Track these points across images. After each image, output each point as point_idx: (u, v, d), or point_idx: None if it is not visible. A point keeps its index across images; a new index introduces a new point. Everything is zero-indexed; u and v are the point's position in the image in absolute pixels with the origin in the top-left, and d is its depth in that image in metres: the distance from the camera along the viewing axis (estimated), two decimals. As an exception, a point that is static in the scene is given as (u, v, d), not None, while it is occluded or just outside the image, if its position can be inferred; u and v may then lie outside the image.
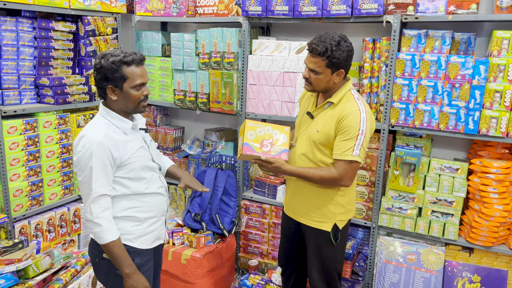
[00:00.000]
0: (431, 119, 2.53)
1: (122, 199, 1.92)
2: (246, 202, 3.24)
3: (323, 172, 2.12)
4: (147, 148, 2.03)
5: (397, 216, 2.74)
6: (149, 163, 2.00)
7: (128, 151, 1.90)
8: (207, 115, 3.70)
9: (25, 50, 2.83)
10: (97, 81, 1.88)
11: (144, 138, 2.03)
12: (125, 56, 1.84)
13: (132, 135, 1.95)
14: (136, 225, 1.96)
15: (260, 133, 2.16)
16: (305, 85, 2.18)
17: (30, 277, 2.47)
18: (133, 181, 1.93)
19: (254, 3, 2.87)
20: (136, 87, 1.87)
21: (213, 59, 3.12)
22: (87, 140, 1.82)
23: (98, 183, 1.81)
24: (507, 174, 2.46)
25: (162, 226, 2.12)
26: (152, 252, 2.08)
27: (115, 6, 3.32)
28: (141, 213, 1.97)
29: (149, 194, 1.99)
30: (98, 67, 1.85)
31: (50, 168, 2.96)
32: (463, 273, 2.66)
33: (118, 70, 1.82)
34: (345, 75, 2.13)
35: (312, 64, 2.07)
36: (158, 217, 2.06)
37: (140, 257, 1.99)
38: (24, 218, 2.83)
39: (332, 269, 2.31)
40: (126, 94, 1.87)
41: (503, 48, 2.35)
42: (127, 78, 1.84)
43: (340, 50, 2.01)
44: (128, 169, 1.90)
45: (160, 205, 2.06)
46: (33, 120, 2.80)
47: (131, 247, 1.95)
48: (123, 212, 1.93)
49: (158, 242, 2.11)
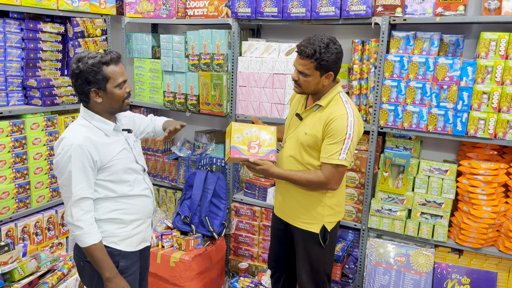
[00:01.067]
0: (419, 121, 2.53)
1: (106, 201, 1.90)
2: (236, 204, 3.22)
3: (309, 175, 2.11)
4: (130, 149, 1.99)
5: (386, 218, 2.73)
6: (132, 165, 1.97)
7: (109, 153, 1.87)
8: (197, 117, 3.69)
9: (12, 52, 2.81)
10: (77, 86, 1.83)
11: (127, 139, 2.00)
12: (102, 56, 1.81)
13: (114, 137, 1.92)
14: (121, 228, 1.94)
15: (247, 135, 2.15)
16: (294, 87, 2.17)
17: (16, 280, 2.45)
18: (116, 184, 1.90)
19: (243, 5, 2.86)
20: (119, 86, 1.85)
21: (202, 60, 3.11)
22: (66, 142, 1.79)
23: (79, 186, 1.79)
24: (496, 175, 2.46)
25: (148, 228, 2.10)
26: (138, 254, 2.06)
27: (105, 7, 3.31)
28: (125, 215, 1.95)
29: (134, 196, 1.97)
30: (77, 72, 1.80)
31: (37, 170, 2.93)
32: (452, 275, 2.65)
33: (99, 72, 1.79)
34: (334, 77, 2.13)
35: (301, 66, 2.07)
36: (143, 219, 2.04)
37: (126, 259, 1.96)
38: (11, 220, 2.80)
39: (321, 271, 2.30)
40: (111, 95, 1.84)
41: (490, 49, 2.36)
42: (109, 78, 1.81)
43: (329, 53, 2.01)
44: (110, 171, 1.87)
45: (145, 207, 2.04)
46: (20, 122, 2.77)
47: (116, 249, 1.93)
48: (108, 214, 1.90)
49: (144, 244, 2.08)
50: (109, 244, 1.90)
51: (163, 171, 3.58)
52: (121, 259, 1.94)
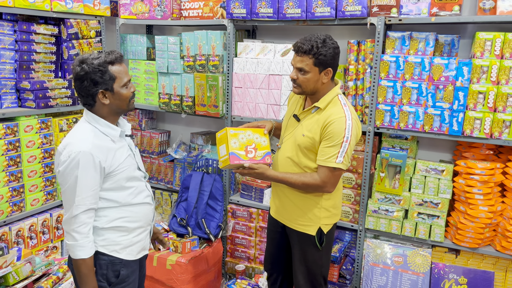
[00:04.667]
0: (415, 121, 2.53)
1: (109, 210, 1.84)
2: (232, 206, 3.20)
3: (305, 178, 2.10)
4: (133, 156, 1.94)
5: (383, 219, 2.72)
6: (135, 172, 1.93)
7: (117, 160, 1.81)
8: (194, 118, 3.67)
9: (5, 54, 2.78)
10: (84, 89, 1.76)
11: (129, 145, 1.95)
12: (106, 56, 1.76)
13: (119, 143, 1.86)
14: (123, 235, 1.89)
15: (243, 139, 2.14)
16: (293, 88, 2.15)
17: (10, 285, 2.43)
18: (120, 192, 1.84)
19: (238, 6, 2.85)
20: (125, 85, 1.81)
21: (198, 62, 3.09)
22: (73, 149, 1.71)
23: (83, 196, 1.71)
24: (492, 175, 2.46)
25: (147, 237, 2.05)
26: (138, 263, 2.02)
27: (99, 9, 3.29)
28: (129, 223, 1.90)
29: (137, 204, 1.92)
30: (82, 74, 1.74)
31: (31, 173, 2.90)
32: (449, 275, 2.65)
33: (106, 72, 1.74)
34: (333, 75, 2.12)
35: (299, 63, 2.05)
36: (144, 227, 2.00)
37: (126, 268, 1.92)
38: (4, 224, 2.77)
39: (317, 273, 2.29)
40: (118, 95, 1.80)
41: (486, 49, 2.36)
42: (116, 77, 1.77)
43: (326, 47, 2.00)
44: (115, 179, 1.81)
45: (147, 215, 1.99)
46: (13, 125, 2.74)
47: (118, 258, 1.88)
48: (111, 223, 1.85)
49: (143, 252, 2.04)
50: (110, 253, 1.86)
51: (158, 173, 3.56)
52: (122, 267, 1.90)
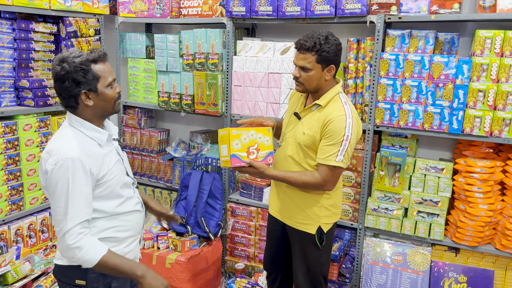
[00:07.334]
0: (415, 119, 2.52)
1: (99, 220, 1.72)
2: (232, 204, 3.20)
3: (306, 177, 2.09)
4: (121, 161, 1.82)
5: (383, 217, 2.72)
6: (124, 178, 1.81)
7: (105, 166, 1.69)
8: (193, 117, 3.66)
9: (4, 52, 2.77)
10: (64, 89, 1.62)
11: (117, 150, 1.82)
12: (89, 54, 1.64)
13: (107, 147, 1.74)
14: (114, 246, 1.76)
15: (245, 140, 2.13)
16: (296, 86, 2.14)
17: (9, 284, 2.42)
18: (110, 200, 1.73)
19: (238, 4, 2.84)
20: (110, 85, 1.69)
21: (197, 60, 3.08)
22: (59, 156, 1.57)
23: (77, 207, 1.58)
24: (492, 173, 2.46)
25: (137, 246, 1.94)
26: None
27: (98, 7, 3.28)
28: (120, 232, 1.78)
29: (128, 212, 1.80)
30: (62, 73, 1.60)
31: (30, 172, 2.89)
32: (449, 273, 2.65)
33: (89, 71, 1.62)
34: (335, 73, 2.11)
35: (301, 61, 2.04)
36: (135, 236, 1.89)
37: (118, 280, 1.79)
38: (3, 223, 2.76)
39: (317, 272, 2.28)
40: (102, 95, 1.67)
41: (486, 47, 2.35)
42: (100, 77, 1.64)
43: (329, 44, 2.00)
44: (104, 187, 1.69)
45: (138, 223, 1.89)
46: (12, 123, 2.73)
47: None
48: (102, 233, 1.72)
49: None
50: None
51: (158, 171, 3.56)
52: (113, 280, 1.77)
